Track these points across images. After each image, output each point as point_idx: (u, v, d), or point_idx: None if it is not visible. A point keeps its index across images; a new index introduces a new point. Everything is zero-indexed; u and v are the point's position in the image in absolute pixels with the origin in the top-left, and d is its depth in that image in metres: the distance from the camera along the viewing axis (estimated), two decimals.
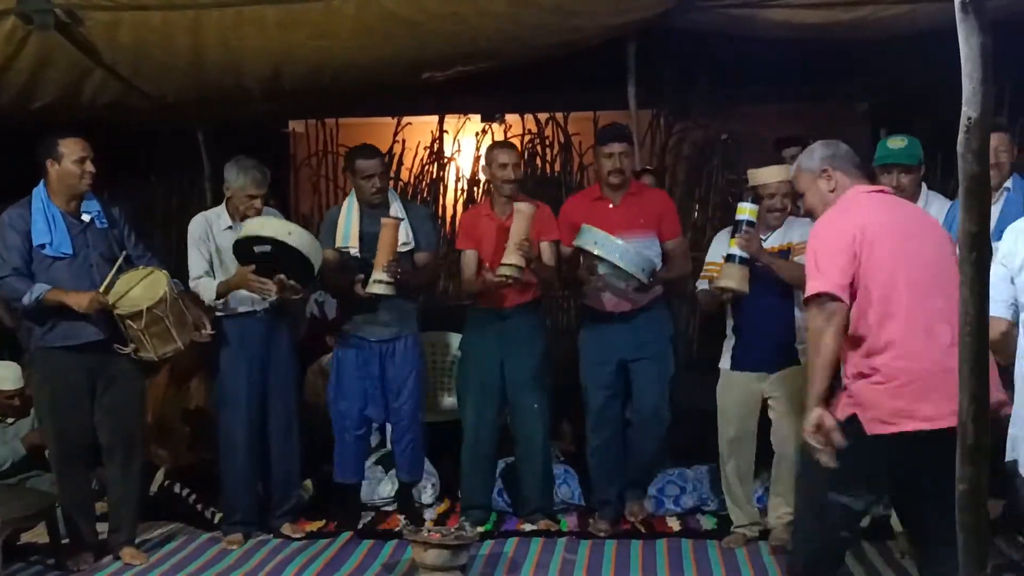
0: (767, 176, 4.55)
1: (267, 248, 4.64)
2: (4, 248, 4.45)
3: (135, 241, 4.73)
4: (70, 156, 4.46)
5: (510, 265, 4.66)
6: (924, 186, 4.42)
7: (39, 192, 4.52)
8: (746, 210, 4.37)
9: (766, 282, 4.44)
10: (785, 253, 4.52)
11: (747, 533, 4.71)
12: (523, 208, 4.71)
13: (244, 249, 4.71)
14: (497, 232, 4.90)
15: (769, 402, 4.61)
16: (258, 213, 4.87)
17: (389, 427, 5.36)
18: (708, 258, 4.76)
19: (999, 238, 4.08)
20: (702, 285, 4.74)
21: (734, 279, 4.36)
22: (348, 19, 4.25)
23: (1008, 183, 4.22)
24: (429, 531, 4.47)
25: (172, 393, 5.67)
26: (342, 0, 4.14)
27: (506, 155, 5.00)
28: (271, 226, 4.70)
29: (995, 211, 4.16)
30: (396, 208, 5.02)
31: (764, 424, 4.68)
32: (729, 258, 4.39)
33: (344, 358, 5.08)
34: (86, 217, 4.55)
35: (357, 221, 4.98)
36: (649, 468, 5.07)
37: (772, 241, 4.51)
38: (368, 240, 4.89)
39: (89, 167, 4.49)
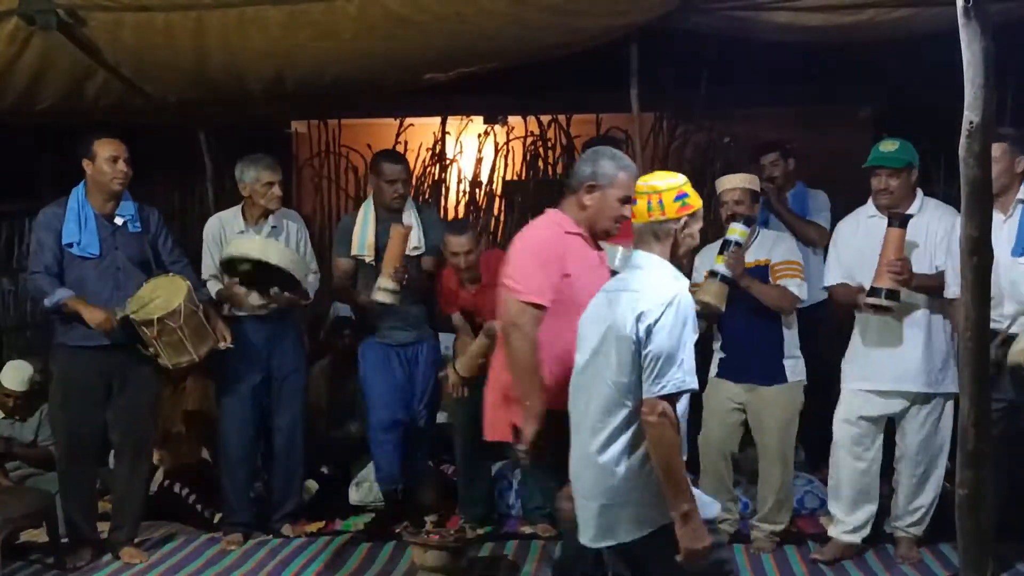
0: (726, 183, 4.62)
1: (248, 267, 4.72)
2: (37, 246, 4.58)
3: (171, 247, 4.81)
4: (103, 155, 4.55)
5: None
6: (920, 192, 4.42)
7: (77, 192, 4.62)
8: (736, 231, 4.42)
9: (753, 298, 4.47)
10: (763, 268, 4.53)
11: (727, 528, 4.71)
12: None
13: (231, 268, 4.77)
14: (469, 302, 4.90)
15: (751, 420, 4.62)
16: (279, 201, 4.95)
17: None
18: (692, 280, 4.74)
19: (1021, 253, 4.06)
20: None
21: (713, 295, 4.39)
22: (350, 20, 4.24)
23: (1022, 195, 4.18)
24: (429, 533, 4.47)
25: (169, 393, 5.67)
26: (344, 1, 4.14)
27: (457, 243, 4.77)
28: (247, 246, 4.76)
29: (1009, 229, 4.13)
30: (411, 214, 5.02)
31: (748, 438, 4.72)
32: (712, 274, 4.42)
33: (372, 366, 5.05)
34: (119, 220, 4.62)
35: (373, 229, 4.97)
36: None
37: (748, 256, 4.50)
38: (383, 249, 4.87)
39: (121, 167, 4.57)
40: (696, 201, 3.00)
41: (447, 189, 6.98)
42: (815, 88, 6.25)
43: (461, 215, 6.79)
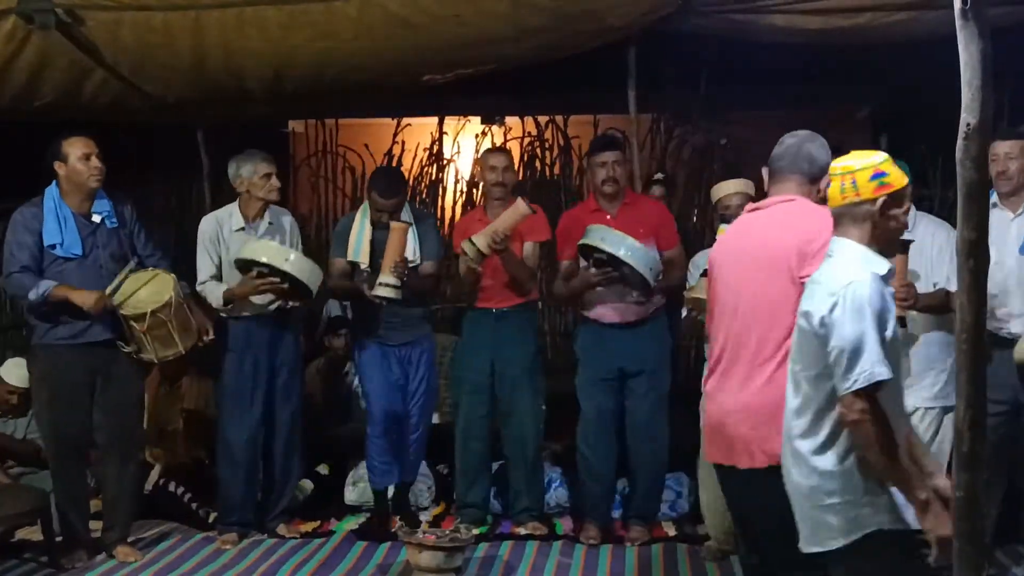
0: (724, 189, 4.60)
1: (264, 271, 4.68)
2: (16, 245, 4.50)
3: (145, 241, 4.76)
4: (75, 154, 4.50)
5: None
6: (912, 208, 4.39)
7: (51, 192, 4.55)
8: (726, 231, 4.39)
9: None
10: None
11: (720, 546, 4.59)
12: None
13: (245, 269, 4.76)
14: None
15: None
16: (278, 192, 4.94)
17: None
18: (688, 283, 4.74)
19: None
20: (684, 312, 4.73)
21: (704, 291, 4.37)
22: (349, 20, 4.25)
23: None
24: (424, 533, 4.46)
25: (165, 392, 5.67)
26: (344, 2, 4.14)
27: (496, 159, 5.06)
28: (269, 252, 4.71)
29: (1018, 227, 4.09)
30: (407, 218, 5.01)
31: None
32: (705, 273, 4.41)
33: (368, 364, 5.04)
34: (97, 218, 4.59)
35: (368, 235, 4.95)
36: (649, 491, 4.95)
37: None
38: (378, 254, 4.85)
39: (95, 162, 4.53)
40: (899, 180, 2.65)
41: (444, 189, 6.98)
42: (814, 89, 6.25)
43: (459, 216, 6.80)
